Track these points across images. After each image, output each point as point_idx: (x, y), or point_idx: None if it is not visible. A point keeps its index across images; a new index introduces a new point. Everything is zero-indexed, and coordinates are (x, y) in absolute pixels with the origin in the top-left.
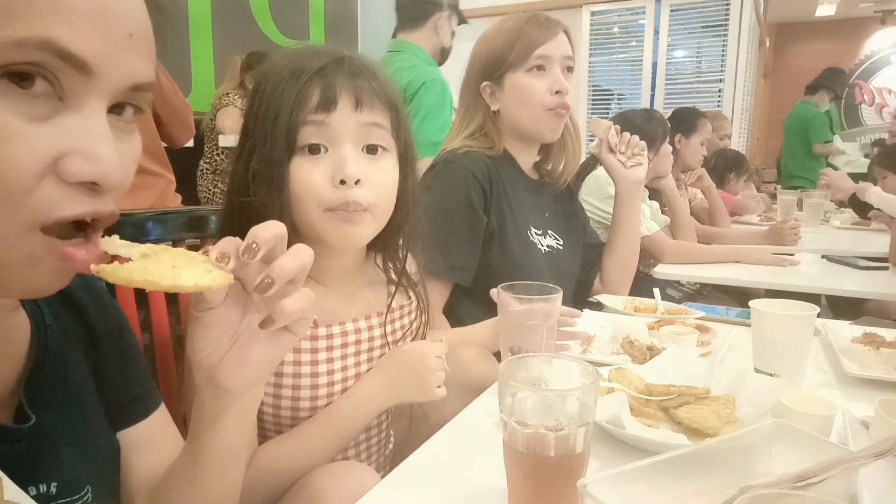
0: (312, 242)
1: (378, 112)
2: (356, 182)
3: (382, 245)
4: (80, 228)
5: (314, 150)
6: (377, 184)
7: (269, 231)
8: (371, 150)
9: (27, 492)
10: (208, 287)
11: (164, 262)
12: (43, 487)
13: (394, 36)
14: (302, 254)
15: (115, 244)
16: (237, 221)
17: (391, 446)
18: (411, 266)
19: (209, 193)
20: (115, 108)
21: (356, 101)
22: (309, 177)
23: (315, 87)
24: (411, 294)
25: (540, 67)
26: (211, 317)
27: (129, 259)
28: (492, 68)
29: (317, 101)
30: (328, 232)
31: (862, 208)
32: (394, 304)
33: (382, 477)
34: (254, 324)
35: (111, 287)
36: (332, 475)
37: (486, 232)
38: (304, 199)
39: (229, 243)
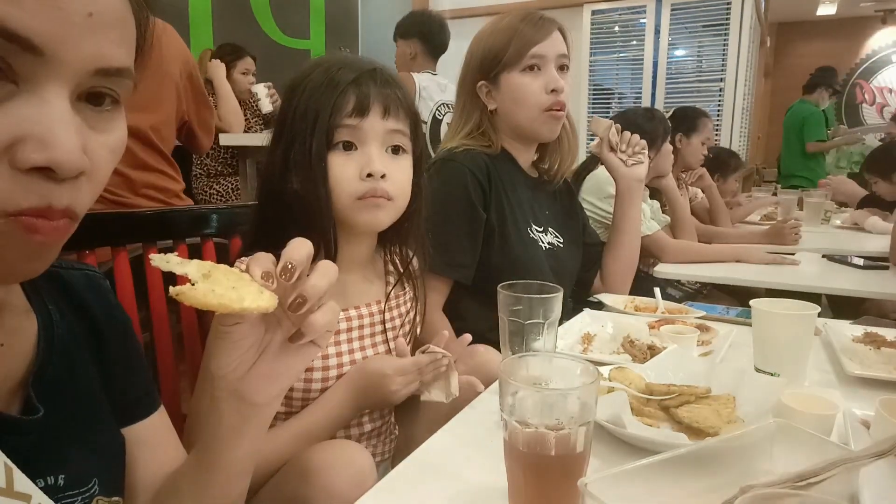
0: (340, 228)
1: (402, 120)
2: (382, 176)
3: (395, 235)
4: (43, 216)
5: (347, 146)
6: (398, 179)
7: (302, 252)
8: (394, 150)
9: (36, 483)
10: (267, 308)
11: (224, 282)
12: (51, 480)
13: None
14: (329, 271)
15: (172, 262)
16: (271, 207)
17: (396, 433)
18: (413, 261)
19: (206, 195)
20: (92, 99)
21: (384, 110)
22: (342, 170)
23: (351, 95)
24: (407, 286)
25: (535, 67)
26: (239, 332)
27: (187, 276)
28: (487, 67)
29: (352, 107)
30: (356, 217)
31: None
32: (392, 293)
33: (381, 462)
34: (278, 337)
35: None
36: (325, 452)
37: (486, 229)
38: (337, 189)
39: (266, 261)
